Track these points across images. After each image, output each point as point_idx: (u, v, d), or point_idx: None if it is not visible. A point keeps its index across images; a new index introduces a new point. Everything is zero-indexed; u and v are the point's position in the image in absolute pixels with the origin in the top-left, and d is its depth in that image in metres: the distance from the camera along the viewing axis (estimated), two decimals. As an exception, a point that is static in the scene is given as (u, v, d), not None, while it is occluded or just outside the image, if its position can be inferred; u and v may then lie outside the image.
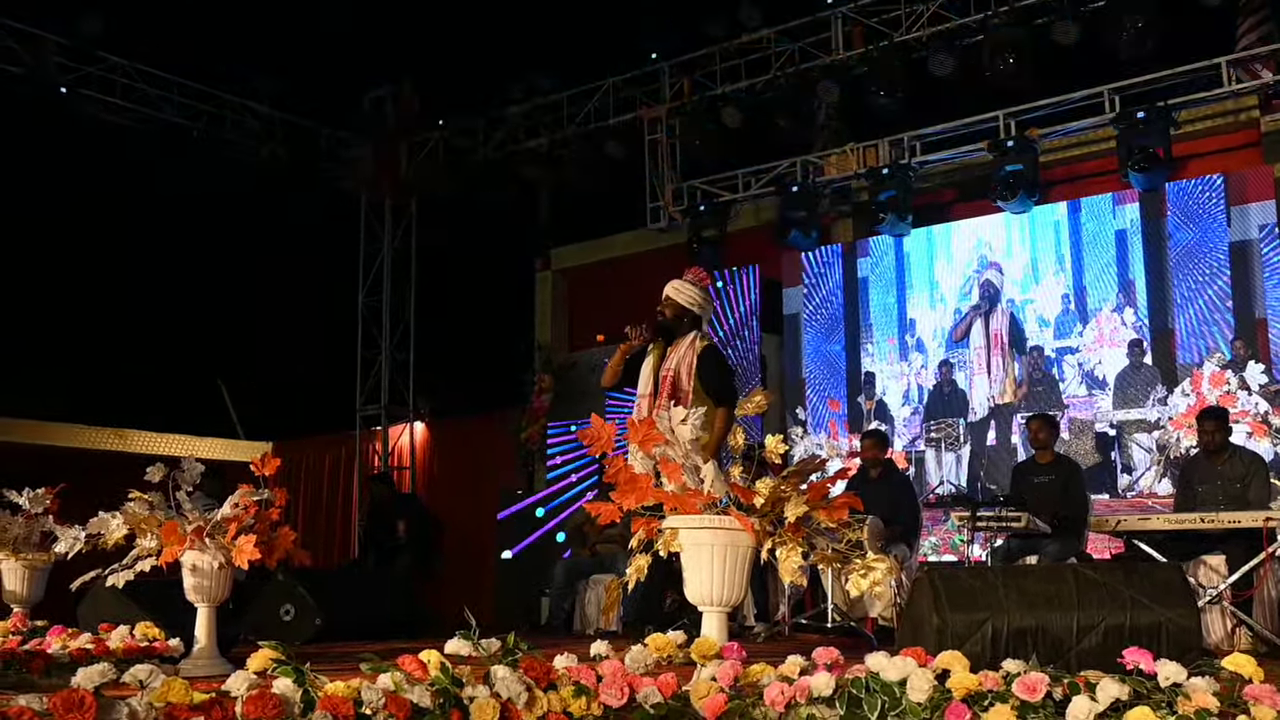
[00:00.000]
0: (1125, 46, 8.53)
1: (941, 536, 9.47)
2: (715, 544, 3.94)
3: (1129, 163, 8.66)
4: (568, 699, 3.28)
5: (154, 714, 2.59)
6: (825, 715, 3.06)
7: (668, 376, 5.52)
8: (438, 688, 3.09)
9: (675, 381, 5.51)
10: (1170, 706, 2.76)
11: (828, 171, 10.43)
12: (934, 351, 10.06)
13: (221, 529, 4.54)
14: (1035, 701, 2.88)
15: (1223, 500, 6.69)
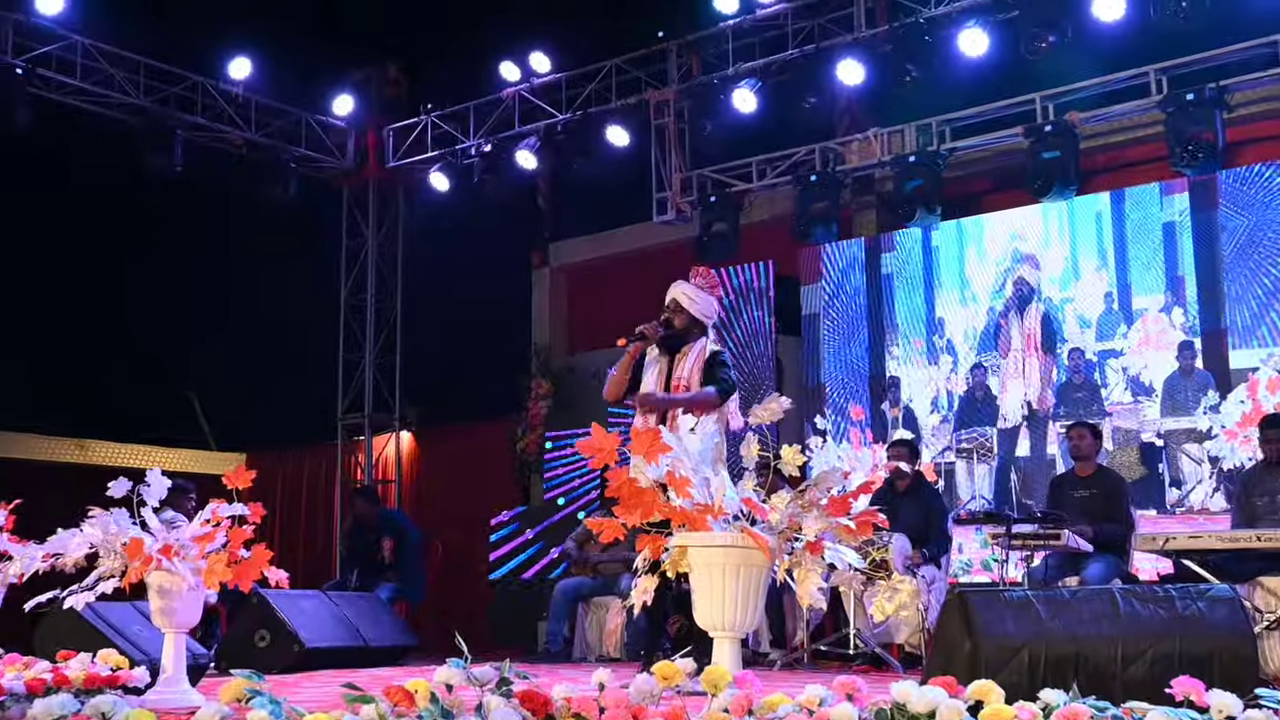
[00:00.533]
0: (1174, 23, 8.51)
1: (973, 555, 9.46)
2: (727, 563, 3.93)
3: (1178, 149, 8.64)
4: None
5: (117, 749, 2.59)
6: (848, 750, 3.06)
7: (679, 385, 5.59)
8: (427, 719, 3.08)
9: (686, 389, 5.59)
10: (1224, 741, 2.75)
11: (849, 159, 10.42)
12: (965, 354, 10.04)
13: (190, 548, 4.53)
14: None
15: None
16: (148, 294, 13.08)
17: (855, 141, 10.39)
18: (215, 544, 4.55)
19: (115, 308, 13.02)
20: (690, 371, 5.66)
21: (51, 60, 10.35)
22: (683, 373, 5.65)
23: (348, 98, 12.50)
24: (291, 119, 12.25)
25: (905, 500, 7.78)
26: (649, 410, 5.67)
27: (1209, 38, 8.66)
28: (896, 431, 10.03)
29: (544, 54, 11.39)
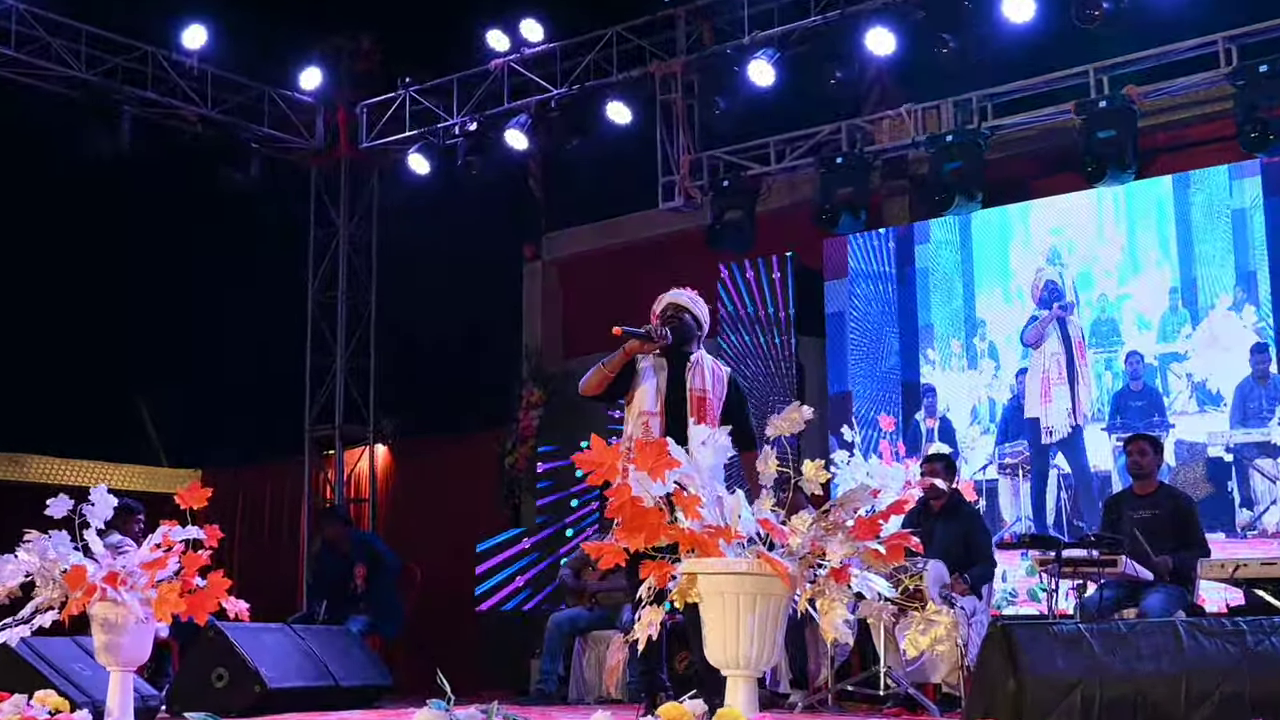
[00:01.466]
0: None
1: (1019, 584, 9.45)
2: (742, 593, 3.93)
3: (1249, 127, 8.63)
4: (562, 783, 3.27)
5: (55, 801, 2.59)
6: (877, 803, 3.06)
7: (704, 399, 5.67)
8: (402, 769, 3.09)
9: (704, 402, 5.71)
10: (1302, 793, 2.75)
11: (879, 139, 10.43)
12: (1009, 358, 10.04)
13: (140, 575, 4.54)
14: (1136, 787, 2.87)
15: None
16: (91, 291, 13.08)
17: (886, 119, 10.39)
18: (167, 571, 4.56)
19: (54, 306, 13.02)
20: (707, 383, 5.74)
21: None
22: (703, 384, 5.73)
23: (315, 70, 12.49)
24: (252, 94, 12.27)
25: (942, 522, 7.78)
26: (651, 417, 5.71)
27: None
28: (931, 445, 10.03)
29: (536, 21, 11.39)
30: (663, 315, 5.87)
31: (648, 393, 5.75)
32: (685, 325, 5.86)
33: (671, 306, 5.89)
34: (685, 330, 5.85)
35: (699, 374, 5.76)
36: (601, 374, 5.83)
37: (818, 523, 3.96)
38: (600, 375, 5.83)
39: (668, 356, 5.81)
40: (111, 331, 13.16)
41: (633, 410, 5.81)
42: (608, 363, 5.81)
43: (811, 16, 10.22)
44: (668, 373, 5.80)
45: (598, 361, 5.87)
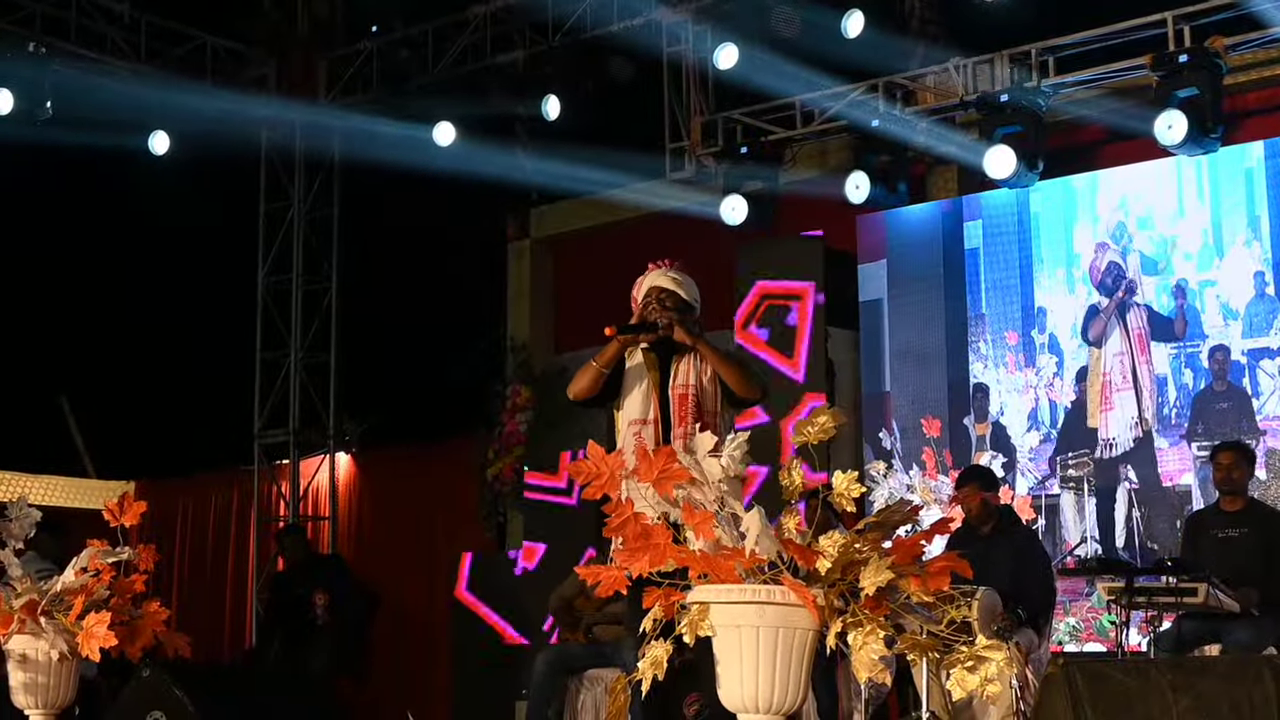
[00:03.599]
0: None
1: (1084, 617, 9.47)
2: (762, 625, 3.95)
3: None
4: (553, 845, 3.29)
5: None
6: None
7: (687, 395, 5.61)
8: (368, 829, 3.11)
9: (698, 400, 5.63)
10: None
11: (923, 99, 10.44)
12: (1072, 354, 10.06)
13: (63, 604, 4.56)
14: None
15: None
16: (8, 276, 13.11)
17: (931, 75, 10.40)
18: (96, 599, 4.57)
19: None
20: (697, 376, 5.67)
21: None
22: (690, 379, 5.67)
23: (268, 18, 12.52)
24: (193, 43, 12.28)
25: (993, 544, 7.78)
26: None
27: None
28: (982, 454, 10.04)
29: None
30: (645, 303, 5.80)
31: (635, 399, 5.73)
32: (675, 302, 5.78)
33: (655, 291, 5.80)
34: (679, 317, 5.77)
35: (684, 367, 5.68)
36: (594, 372, 5.78)
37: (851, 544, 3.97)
38: (593, 374, 5.78)
39: (656, 353, 5.76)
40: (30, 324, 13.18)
41: (622, 420, 5.77)
42: (600, 358, 5.78)
43: (844, -45, 10.25)
44: (658, 372, 5.76)
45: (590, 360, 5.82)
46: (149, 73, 11.84)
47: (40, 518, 4.76)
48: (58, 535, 8.18)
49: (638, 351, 5.75)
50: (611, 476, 4.12)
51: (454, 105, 11.65)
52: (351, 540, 13.25)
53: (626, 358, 5.76)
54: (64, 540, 8.24)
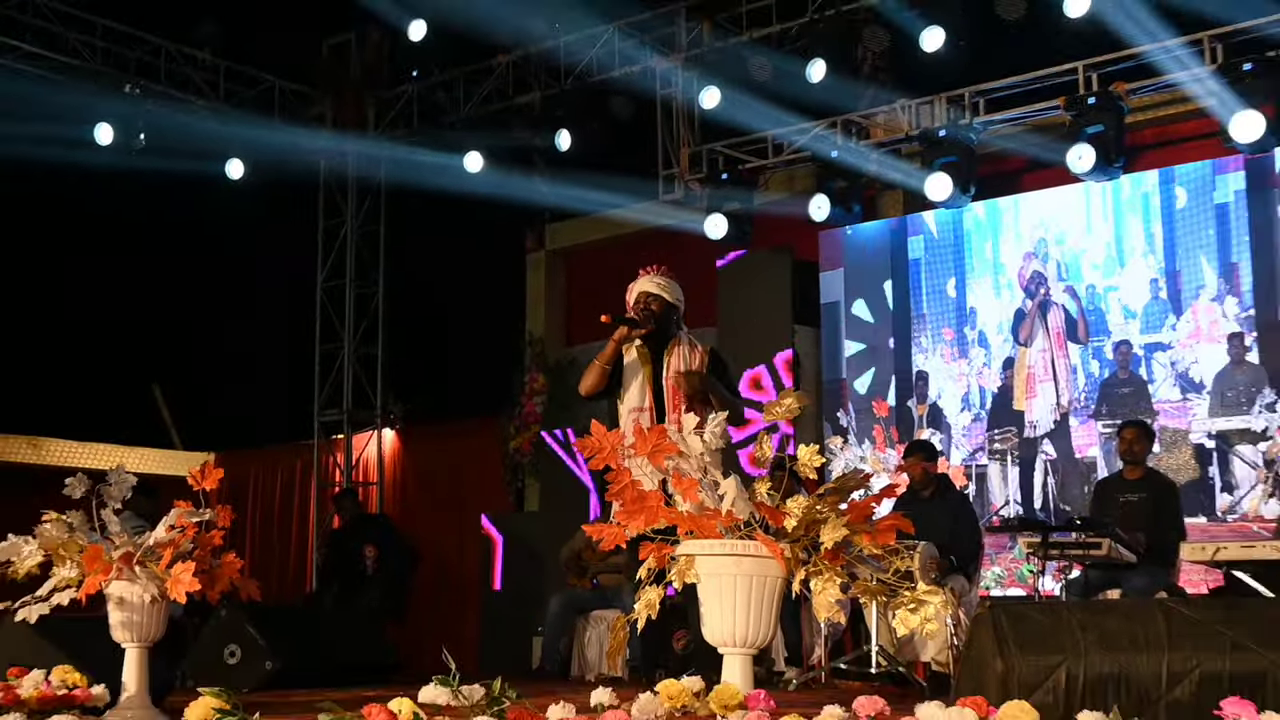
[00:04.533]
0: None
1: (1007, 566, 9.47)
2: (738, 574, 3.94)
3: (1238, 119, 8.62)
4: (563, 756, 3.29)
5: (75, 772, 2.61)
6: (868, 777, 3.08)
7: (677, 386, 5.60)
8: (409, 742, 3.10)
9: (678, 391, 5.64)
10: (1277, 768, 2.77)
11: (874, 134, 10.42)
12: (998, 347, 10.06)
13: (154, 555, 4.55)
14: (1117, 761, 2.89)
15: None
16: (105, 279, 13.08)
17: (880, 114, 10.38)
18: (182, 551, 4.57)
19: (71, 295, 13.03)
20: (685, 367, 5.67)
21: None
22: (679, 370, 5.67)
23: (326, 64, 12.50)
24: (264, 85, 12.26)
25: (932, 506, 7.79)
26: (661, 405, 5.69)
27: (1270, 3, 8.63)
28: (922, 431, 10.05)
29: (540, 18, 11.36)
30: (635, 304, 5.80)
31: (633, 390, 5.73)
32: (662, 312, 5.77)
33: (643, 296, 5.80)
34: (663, 317, 5.78)
35: (675, 360, 5.69)
36: (598, 368, 5.77)
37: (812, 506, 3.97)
38: (597, 370, 5.78)
39: (648, 348, 5.75)
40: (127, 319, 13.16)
41: (623, 408, 5.77)
42: (601, 356, 5.78)
43: (810, 14, 10.22)
44: (651, 366, 5.75)
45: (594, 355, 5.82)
46: (226, 110, 11.82)
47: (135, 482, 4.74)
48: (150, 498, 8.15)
49: (633, 349, 5.75)
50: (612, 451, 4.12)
51: (482, 138, 11.62)
52: (396, 503, 13.24)
53: (624, 354, 5.76)
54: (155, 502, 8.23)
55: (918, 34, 9.60)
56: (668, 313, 5.76)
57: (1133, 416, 8.69)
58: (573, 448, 11.04)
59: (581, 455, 4.08)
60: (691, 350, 5.73)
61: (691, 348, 5.74)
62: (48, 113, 10.61)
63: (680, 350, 5.70)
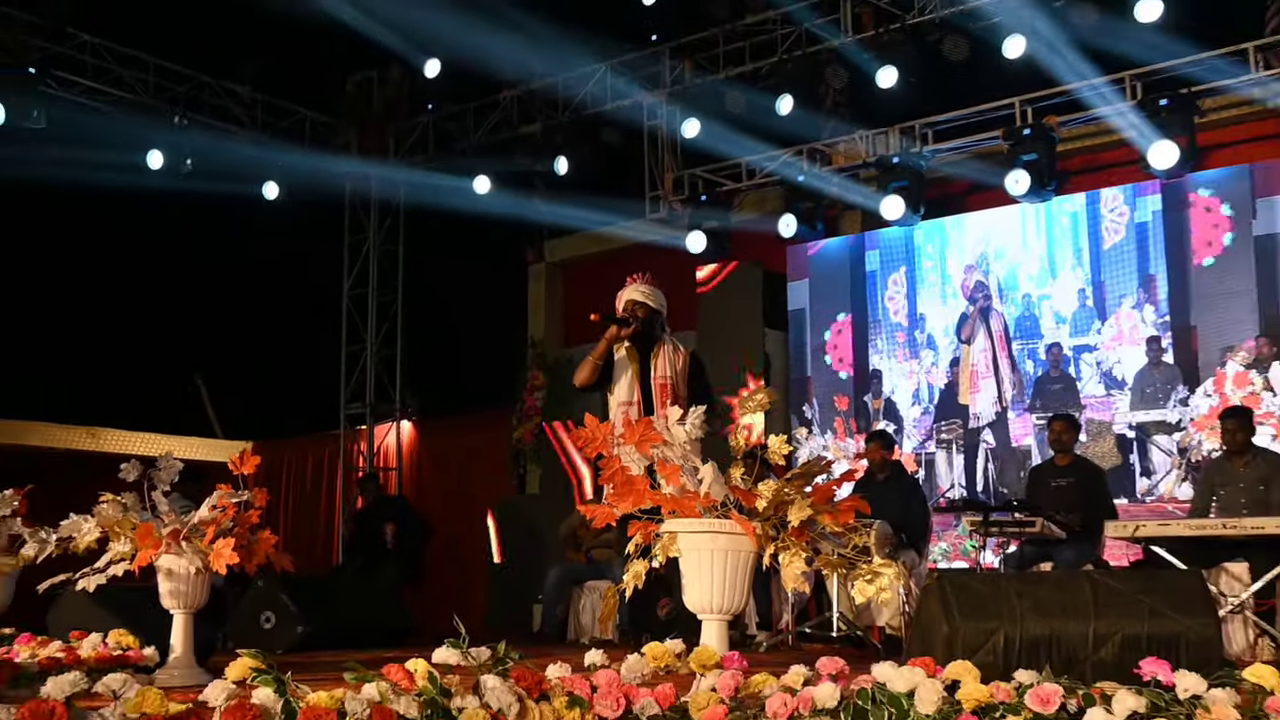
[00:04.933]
0: (1149, 31, 8.53)
1: (952, 542, 9.49)
2: (715, 549, 3.94)
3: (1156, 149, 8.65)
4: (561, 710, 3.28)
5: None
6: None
7: (665, 384, 5.62)
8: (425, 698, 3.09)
9: (673, 388, 5.67)
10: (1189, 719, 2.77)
11: (836, 160, 10.43)
12: (945, 348, 10.07)
13: (199, 532, 4.53)
14: (1049, 714, 2.90)
15: (1245, 504, 6.70)
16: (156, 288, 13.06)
17: (841, 143, 10.39)
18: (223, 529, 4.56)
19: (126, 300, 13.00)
20: (670, 369, 5.69)
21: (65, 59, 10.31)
22: (665, 371, 5.68)
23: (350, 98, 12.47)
24: (296, 116, 12.23)
25: (886, 489, 7.80)
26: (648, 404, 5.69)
27: (1183, 45, 8.66)
28: (878, 423, 10.06)
29: (540, 57, 11.35)
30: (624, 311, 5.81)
31: (622, 385, 5.74)
32: (647, 316, 5.78)
33: (630, 304, 5.82)
34: (648, 321, 5.79)
35: (661, 363, 5.72)
36: (591, 364, 5.78)
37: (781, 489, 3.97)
38: (590, 365, 5.79)
39: (636, 349, 5.76)
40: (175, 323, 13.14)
41: (613, 402, 5.78)
42: (594, 353, 5.79)
43: (779, 54, 10.23)
44: (638, 364, 5.77)
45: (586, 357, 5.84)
46: (263, 138, 11.79)
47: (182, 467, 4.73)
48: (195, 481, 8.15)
49: (622, 348, 5.75)
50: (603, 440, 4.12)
51: (489, 163, 11.61)
52: (412, 486, 13.21)
53: (614, 353, 5.76)
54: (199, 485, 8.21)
55: (874, 73, 9.63)
56: (652, 317, 5.77)
57: (1062, 410, 8.72)
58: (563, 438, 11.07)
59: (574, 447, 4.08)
60: (675, 352, 5.75)
61: (675, 350, 5.77)
62: (105, 141, 10.59)
63: (665, 351, 5.72)
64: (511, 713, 3.19)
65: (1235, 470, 6.93)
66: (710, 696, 3.27)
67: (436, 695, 3.12)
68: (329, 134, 12.61)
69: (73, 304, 12.87)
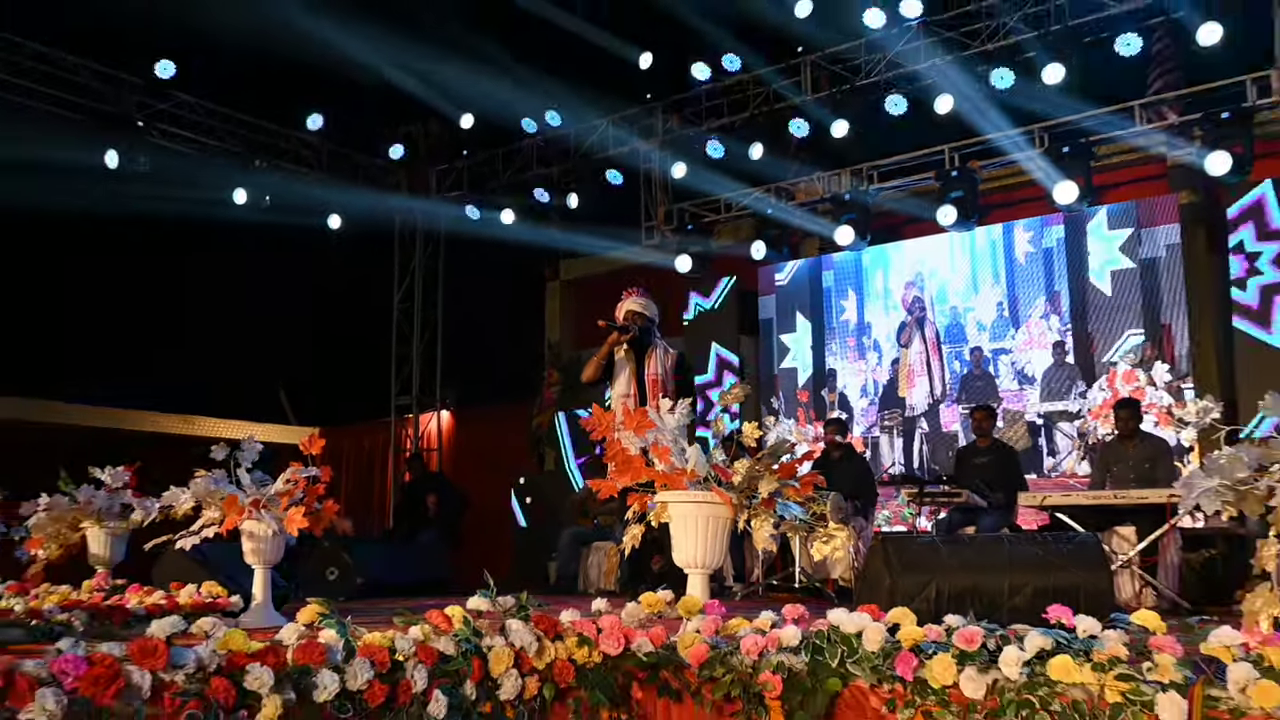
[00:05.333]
0: (1052, 91, 8.54)
1: (893, 510, 9.49)
2: (699, 516, 3.95)
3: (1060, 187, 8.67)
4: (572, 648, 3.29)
5: (216, 660, 2.60)
6: (793, 662, 3.08)
7: (655, 380, 5.65)
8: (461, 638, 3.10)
9: (662, 383, 5.67)
10: (1087, 655, 2.78)
11: (798, 197, 10.43)
12: (887, 351, 10.08)
13: (275, 501, 4.54)
14: (972, 651, 2.90)
15: (1133, 479, 6.71)
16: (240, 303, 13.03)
17: (802, 183, 10.40)
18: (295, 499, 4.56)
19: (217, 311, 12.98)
20: (662, 370, 5.70)
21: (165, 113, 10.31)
22: (655, 369, 5.70)
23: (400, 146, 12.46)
24: (355, 159, 12.23)
25: (839, 466, 7.81)
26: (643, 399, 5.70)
27: (1082, 103, 8.68)
28: (832, 412, 10.06)
29: (556, 112, 11.36)
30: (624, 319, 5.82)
31: (621, 380, 5.75)
32: (643, 325, 5.78)
33: (629, 314, 5.83)
34: (643, 329, 5.80)
35: (653, 362, 5.73)
36: (595, 363, 5.80)
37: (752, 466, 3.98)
38: (594, 365, 5.80)
39: (633, 350, 5.77)
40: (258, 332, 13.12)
41: (614, 394, 5.79)
42: (598, 354, 5.80)
43: (750, 110, 10.23)
44: (634, 363, 5.77)
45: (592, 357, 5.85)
46: (328, 179, 11.78)
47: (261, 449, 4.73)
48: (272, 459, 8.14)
49: (621, 350, 5.77)
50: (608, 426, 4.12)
51: (513, 199, 11.61)
52: (450, 464, 13.20)
53: (615, 354, 5.77)
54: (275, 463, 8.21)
55: (829, 125, 9.64)
56: (646, 325, 5.79)
57: (983, 402, 8.72)
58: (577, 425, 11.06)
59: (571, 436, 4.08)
60: (665, 354, 5.75)
61: (665, 352, 5.78)
62: (199, 181, 10.59)
63: (656, 353, 5.73)
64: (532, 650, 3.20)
65: (1126, 451, 6.94)
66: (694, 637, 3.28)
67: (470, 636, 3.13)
68: (382, 175, 12.59)
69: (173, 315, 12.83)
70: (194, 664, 2.55)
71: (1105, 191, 9.08)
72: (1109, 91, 8.65)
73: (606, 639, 3.28)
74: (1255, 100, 7.84)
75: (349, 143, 12.04)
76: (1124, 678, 2.67)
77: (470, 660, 3.04)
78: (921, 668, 2.90)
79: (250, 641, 2.69)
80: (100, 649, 2.42)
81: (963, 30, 8.99)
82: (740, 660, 3.13)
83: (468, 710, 3.00)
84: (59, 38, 9.48)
